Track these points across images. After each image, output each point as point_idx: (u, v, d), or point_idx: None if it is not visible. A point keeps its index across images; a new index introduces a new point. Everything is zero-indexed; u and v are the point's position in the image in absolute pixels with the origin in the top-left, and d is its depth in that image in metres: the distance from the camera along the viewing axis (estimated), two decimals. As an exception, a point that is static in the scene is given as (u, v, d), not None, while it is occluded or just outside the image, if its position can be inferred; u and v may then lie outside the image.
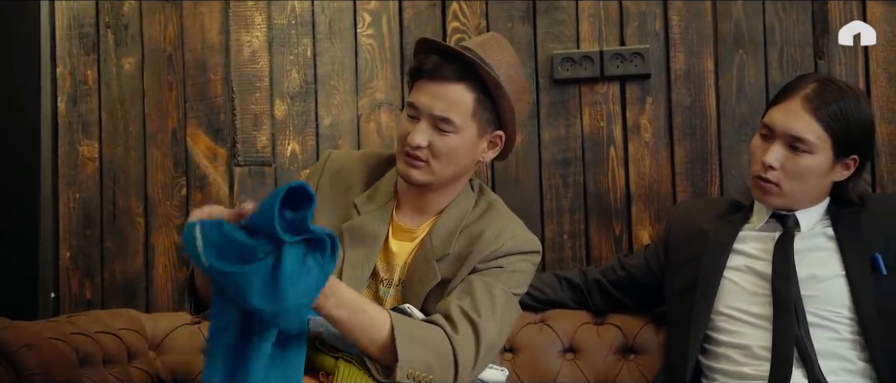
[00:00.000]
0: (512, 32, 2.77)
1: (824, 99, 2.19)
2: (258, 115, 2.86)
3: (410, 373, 1.87)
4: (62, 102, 2.92)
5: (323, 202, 2.18)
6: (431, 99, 2.05)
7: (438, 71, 2.05)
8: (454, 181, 2.13)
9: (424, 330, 1.94)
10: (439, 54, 2.07)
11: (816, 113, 2.19)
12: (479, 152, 2.12)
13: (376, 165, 2.22)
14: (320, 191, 2.20)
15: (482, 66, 2.02)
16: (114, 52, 2.92)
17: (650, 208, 2.74)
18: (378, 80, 2.84)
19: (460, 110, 2.04)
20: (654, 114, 2.75)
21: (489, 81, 2.04)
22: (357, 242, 2.12)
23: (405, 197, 2.17)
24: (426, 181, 2.09)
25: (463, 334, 1.94)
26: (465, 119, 2.05)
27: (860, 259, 2.21)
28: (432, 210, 2.16)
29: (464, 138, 2.06)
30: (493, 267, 2.07)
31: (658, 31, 2.75)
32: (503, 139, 2.13)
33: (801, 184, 2.23)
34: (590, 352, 2.54)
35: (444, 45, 2.11)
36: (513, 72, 2.10)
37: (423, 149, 2.06)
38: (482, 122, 2.07)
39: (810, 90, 2.21)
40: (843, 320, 2.18)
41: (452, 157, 2.07)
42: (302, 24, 2.87)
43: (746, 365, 2.20)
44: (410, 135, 2.06)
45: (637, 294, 2.55)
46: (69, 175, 2.91)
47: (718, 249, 2.32)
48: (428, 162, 2.07)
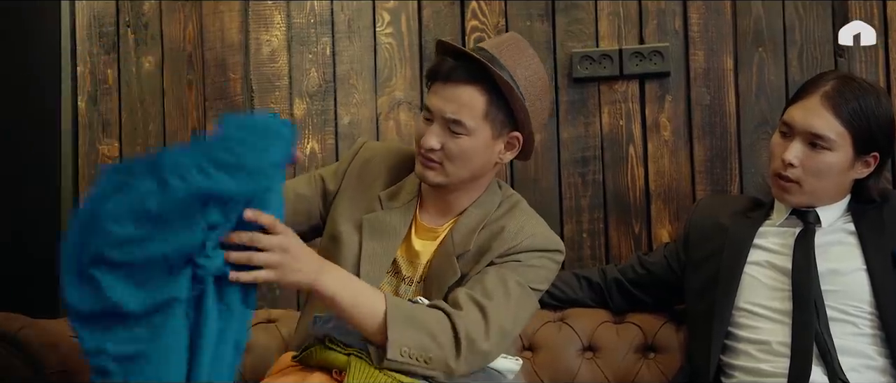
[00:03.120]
0: (531, 31, 2.77)
1: (844, 96, 2.18)
2: (277, 114, 2.86)
3: (404, 351, 1.87)
4: (82, 102, 2.93)
5: (349, 189, 2.20)
6: (443, 101, 2.05)
7: (452, 74, 2.05)
8: (473, 182, 2.13)
9: (422, 311, 1.94)
10: (454, 56, 2.08)
11: (836, 110, 2.18)
12: (496, 154, 2.12)
13: (403, 163, 2.22)
14: (347, 178, 2.22)
15: (491, 67, 2.02)
16: (134, 52, 2.94)
17: (669, 207, 2.74)
18: (397, 78, 2.84)
19: (472, 112, 2.04)
20: (673, 112, 2.74)
21: (500, 82, 2.04)
22: (376, 235, 2.13)
23: (428, 196, 2.18)
24: (441, 182, 2.09)
25: (467, 312, 1.94)
26: (476, 121, 2.05)
27: (881, 253, 2.20)
28: (455, 210, 2.16)
29: (477, 140, 2.06)
30: (510, 260, 2.07)
31: (677, 29, 2.74)
32: (521, 140, 2.12)
33: (821, 182, 2.22)
34: (609, 351, 2.53)
35: (458, 47, 2.11)
36: (531, 73, 2.09)
37: (436, 151, 2.06)
38: (496, 124, 2.07)
39: (830, 87, 2.20)
40: (864, 315, 2.17)
41: (466, 159, 2.07)
42: (321, 23, 2.88)
43: (765, 361, 2.19)
44: (424, 138, 2.07)
45: (657, 292, 2.54)
46: (89, 174, 2.92)
47: (739, 245, 2.31)
48: (442, 163, 2.07)
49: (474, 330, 1.93)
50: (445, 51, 2.11)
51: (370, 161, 2.24)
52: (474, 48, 2.10)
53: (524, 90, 2.06)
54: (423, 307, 1.96)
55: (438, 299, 2.04)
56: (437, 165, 2.07)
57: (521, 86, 2.05)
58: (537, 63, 2.12)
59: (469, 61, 2.05)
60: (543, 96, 2.13)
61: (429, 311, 1.94)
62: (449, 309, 1.93)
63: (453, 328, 1.91)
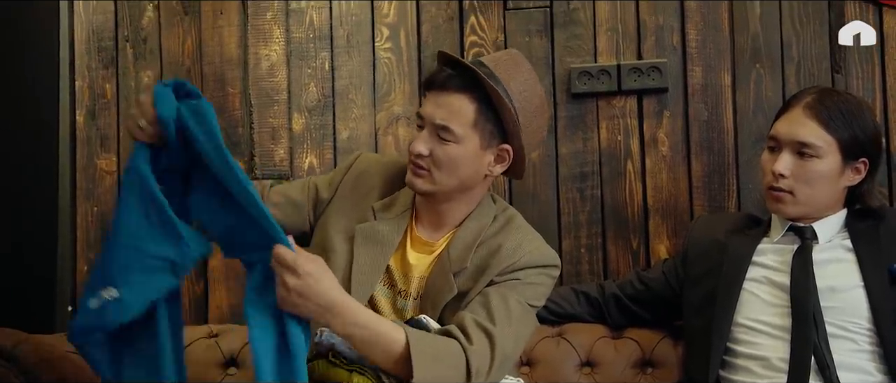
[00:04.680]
0: (529, 46, 2.78)
1: (826, 104, 2.23)
2: (276, 129, 2.87)
3: None
4: (81, 116, 2.93)
5: (343, 200, 2.21)
6: (434, 108, 2.07)
7: (446, 82, 2.07)
8: (463, 193, 2.14)
9: (440, 343, 1.94)
10: (451, 66, 2.10)
11: (819, 117, 2.22)
12: (486, 165, 2.12)
13: (398, 175, 2.22)
14: (342, 188, 2.22)
15: (481, 75, 2.03)
16: (133, 66, 2.94)
17: (667, 222, 2.74)
18: (396, 93, 2.85)
19: (460, 120, 2.05)
20: (671, 128, 2.75)
21: (491, 92, 2.04)
22: (368, 245, 2.12)
23: (422, 209, 2.18)
24: (429, 190, 2.10)
25: (478, 345, 1.94)
26: (465, 129, 2.05)
27: (878, 270, 2.22)
28: (450, 223, 2.16)
29: (465, 148, 2.07)
30: (509, 279, 2.07)
31: (675, 45, 2.75)
32: (511, 154, 2.12)
33: (813, 190, 2.25)
34: (607, 366, 2.53)
35: (455, 57, 2.12)
36: (526, 88, 2.10)
37: (424, 157, 2.07)
38: (485, 134, 2.08)
39: (811, 99, 2.25)
40: (862, 331, 2.18)
41: (453, 167, 2.07)
42: (320, 37, 2.88)
43: (765, 377, 2.20)
44: (413, 144, 2.08)
45: (655, 308, 2.55)
46: (87, 188, 2.92)
47: (737, 262, 2.32)
48: (430, 171, 2.08)
49: (483, 365, 1.95)
50: (445, 61, 2.13)
51: (365, 172, 2.24)
52: (473, 61, 2.11)
53: (518, 103, 2.07)
54: (440, 338, 1.96)
55: (435, 314, 2.05)
56: (426, 172, 2.08)
57: (514, 99, 2.06)
58: (534, 80, 2.13)
59: (462, 70, 2.07)
60: (539, 114, 2.14)
61: (447, 343, 1.94)
62: (464, 343, 1.93)
63: (467, 364, 1.92)
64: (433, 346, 1.92)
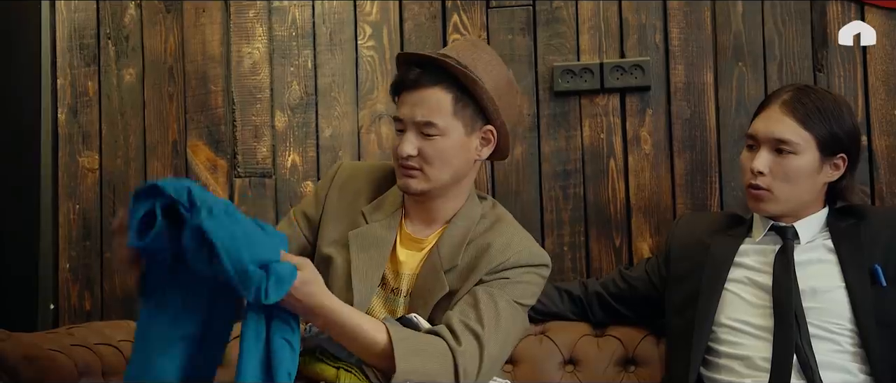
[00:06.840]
0: (512, 44, 2.78)
1: (801, 101, 2.25)
2: (259, 127, 2.86)
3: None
4: (62, 113, 2.92)
5: (332, 211, 2.21)
6: (412, 107, 2.08)
7: (416, 81, 2.08)
8: (455, 185, 2.14)
9: (423, 338, 1.95)
10: (416, 65, 2.11)
11: (795, 114, 2.23)
12: (473, 150, 2.13)
13: (383, 177, 2.24)
14: (328, 201, 2.23)
15: (449, 63, 2.05)
16: (115, 64, 2.93)
17: (650, 220, 2.74)
18: (379, 91, 2.84)
19: (441, 112, 2.07)
20: (654, 126, 2.75)
21: (462, 77, 2.06)
22: (364, 249, 2.13)
23: (412, 207, 2.19)
24: (424, 188, 2.10)
25: (466, 346, 1.95)
26: (447, 119, 2.07)
27: (860, 270, 2.22)
28: (440, 219, 2.17)
29: (451, 139, 2.08)
30: (498, 278, 2.08)
31: (658, 43, 2.76)
32: (495, 133, 2.14)
33: (792, 187, 2.25)
34: (590, 364, 2.54)
35: (416, 53, 2.15)
36: (492, 67, 2.11)
37: (414, 158, 2.08)
38: (467, 119, 2.09)
39: (787, 96, 2.27)
40: (845, 331, 2.19)
41: (445, 160, 2.09)
42: (303, 35, 2.87)
43: (747, 376, 2.21)
44: (399, 147, 2.09)
45: (637, 306, 2.55)
46: (69, 186, 2.91)
47: (720, 262, 2.33)
48: (422, 169, 2.09)
49: (472, 367, 1.95)
50: (406, 61, 2.14)
51: (349, 180, 2.25)
52: (435, 53, 2.12)
53: (489, 84, 2.08)
54: (427, 335, 1.97)
55: (426, 313, 2.06)
56: (418, 172, 2.09)
57: (483, 79, 2.07)
58: (497, 59, 2.15)
59: (429, 65, 2.08)
60: (511, 90, 2.16)
61: (433, 341, 1.95)
62: (452, 344, 1.94)
63: (455, 364, 1.93)
64: (415, 341, 1.93)
